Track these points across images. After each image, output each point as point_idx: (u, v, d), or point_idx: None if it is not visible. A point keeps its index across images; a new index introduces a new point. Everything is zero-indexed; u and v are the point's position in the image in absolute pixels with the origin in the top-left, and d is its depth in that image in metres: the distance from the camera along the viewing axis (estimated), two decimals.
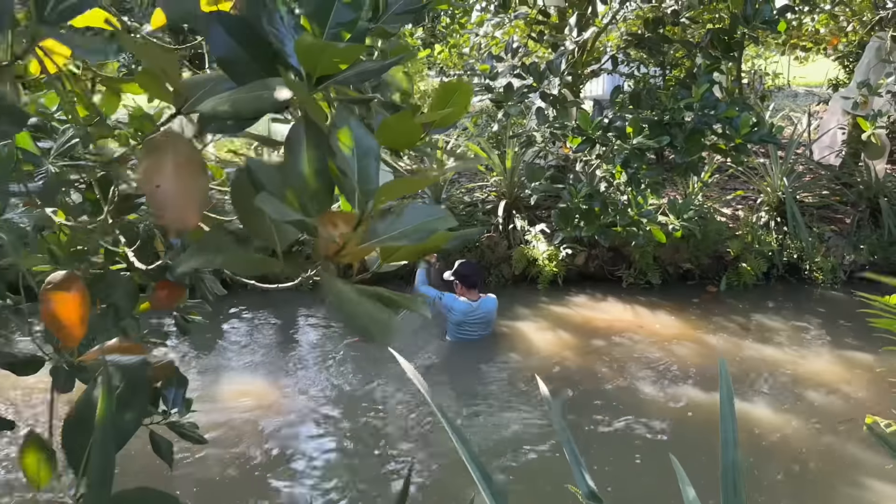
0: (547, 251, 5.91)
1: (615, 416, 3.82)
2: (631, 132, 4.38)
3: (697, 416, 3.79)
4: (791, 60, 12.40)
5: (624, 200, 4.86)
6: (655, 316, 5.31)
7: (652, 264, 5.94)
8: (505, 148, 6.44)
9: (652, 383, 4.17)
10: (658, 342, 4.78)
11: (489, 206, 6.49)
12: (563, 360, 4.55)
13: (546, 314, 5.42)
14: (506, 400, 4.04)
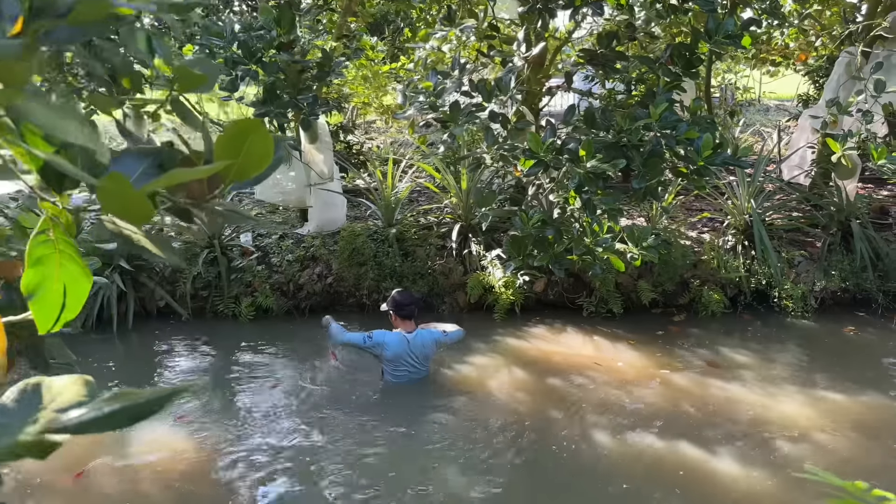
0: (504, 278, 5.55)
1: (569, 469, 3.44)
2: (584, 155, 4.04)
3: (658, 465, 3.42)
4: (762, 74, 12.26)
5: (579, 227, 4.51)
6: (616, 350, 4.95)
7: (613, 292, 5.59)
8: (460, 168, 6.08)
9: (610, 431, 3.80)
10: (619, 382, 4.42)
11: (444, 228, 6.11)
12: (514, 402, 4.17)
13: (500, 348, 5.03)
14: (448, 449, 3.64)
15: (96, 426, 0.52)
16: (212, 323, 5.82)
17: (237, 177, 0.89)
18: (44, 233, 0.76)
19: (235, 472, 3.50)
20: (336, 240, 6.01)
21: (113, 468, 3.54)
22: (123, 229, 0.83)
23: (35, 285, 0.74)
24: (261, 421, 4.05)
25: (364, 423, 3.97)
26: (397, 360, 4.26)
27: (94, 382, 0.61)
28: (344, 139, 7.79)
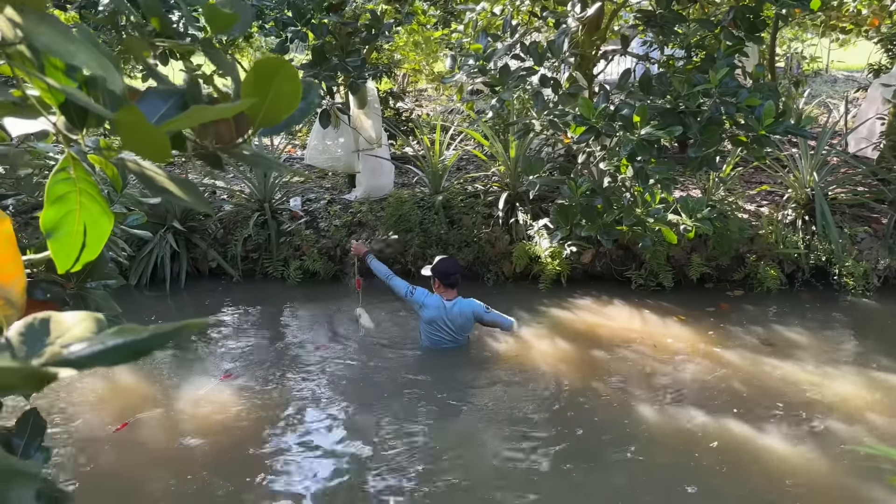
0: (550, 248, 5.46)
1: (614, 443, 3.39)
2: (638, 121, 3.90)
3: (706, 442, 3.34)
4: (830, 43, 11.66)
5: (630, 197, 4.38)
6: (665, 325, 4.83)
7: (664, 265, 5.45)
8: (509, 135, 5.97)
9: (655, 405, 3.72)
10: (666, 356, 4.31)
11: (491, 197, 6.03)
12: (558, 374, 4.11)
13: (545, 319, 4.97)
14: (489, 418, 3.63)
15: (98, 360, 0.49)
16: (261, 284, 5.92)
17: (266, 121, 0.86)
18: (64, 170, 0.74)
19: (277, 428, 3.57)
20: (383, 206, 6.01)
21: (157, 421, 3.65)
22: (146, 170, 0.80)
23: (54, 223, 0.73)
24: (304, 381, 4.10)
25: (404, 388, 3.98)
26: (433, 324, 4.27)
27: (105, 320, 0.58)
28: (393, 106, 7.74)
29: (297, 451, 3.38)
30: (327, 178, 7.07)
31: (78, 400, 3.86)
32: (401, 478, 3.11)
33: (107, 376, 4.15)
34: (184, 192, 0.83)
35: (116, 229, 1.91)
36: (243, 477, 3.12)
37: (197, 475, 3.15)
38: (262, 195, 6.21)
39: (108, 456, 3.35)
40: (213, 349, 4.66)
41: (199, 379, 4.14)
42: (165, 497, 3.02)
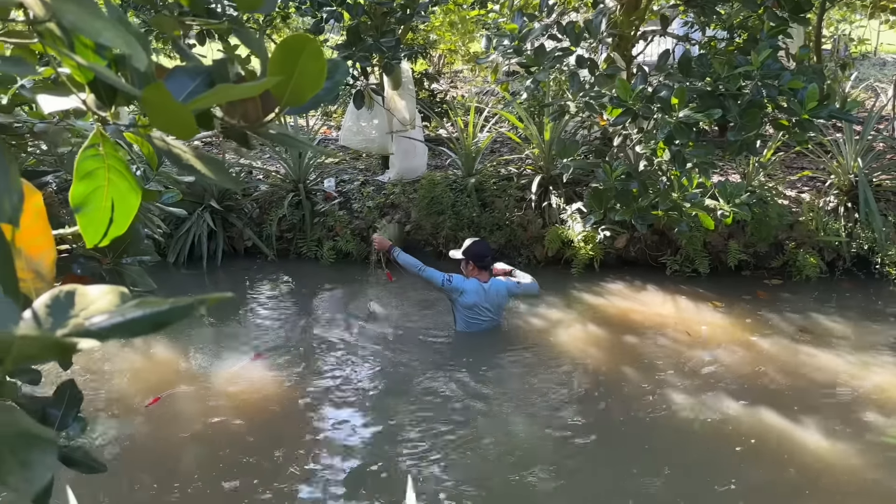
0: (583, 232, 5.41)
1: (644, 428, 3.36)
2: (676, 103, 3.83)
3: (738, 433, 3.29)
4: (880, 25, 11.25)
5: (666, 181, 4.31)
6: (700, 311, 4.76)
7: (700, 251, 5.36)
8: (544, 118, 5.90)
9: (687, 392, 3.68)
10: (700, 343, 4.26)
11: (524, 180, 5.99)
12: (588, 358, 4.09)
13: (576, 303, 4.94)
14: (518, 401, 3.63)
15: (119, 331, 0.50)
16: (295, 264, 5.99)
17: (292, 99, 0.86)
18: (93, 147, 0.76)
19: (307, 406, 3.62)
20: (416, 188, 6.01)
21: (189, 397, 3.73)
22: (173, 147, 0.81)
23: (83, 199, 0.74)
24: (337, 361, 4.15)
25: (436, 370, 4.00)
26: (472, 309, 4.26)
27: (129, 294, 0.59)
28: (428, 87, 7.72)
29: (328, 431, 3.43)
30: (361, 160, 7.10)
31: (113, 374, 3.97)
32: (429, 458, 3.14)
33: (143, 352, 4.26)
34: (210, 170, 0.83)
35: (152, 206, 1.94)
36: (273, 455, 3.18)
37: (227, 452, 3.22)
38: (296, 176, 6.27)
39: (141, 429, 3.45)
40: (245, 327, 4.74)
41: (232, 356, 4.21)
42: (197, 470, 3.09)
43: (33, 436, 0.46)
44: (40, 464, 0.45)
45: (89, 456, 1.65)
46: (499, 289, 4.32)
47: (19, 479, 0.43)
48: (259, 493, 2.89)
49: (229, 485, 2.94)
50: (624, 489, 2.91)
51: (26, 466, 0.44)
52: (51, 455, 0.46)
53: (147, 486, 2.95)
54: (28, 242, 0.68)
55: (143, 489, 2.93)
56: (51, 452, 0.46)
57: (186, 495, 2.88)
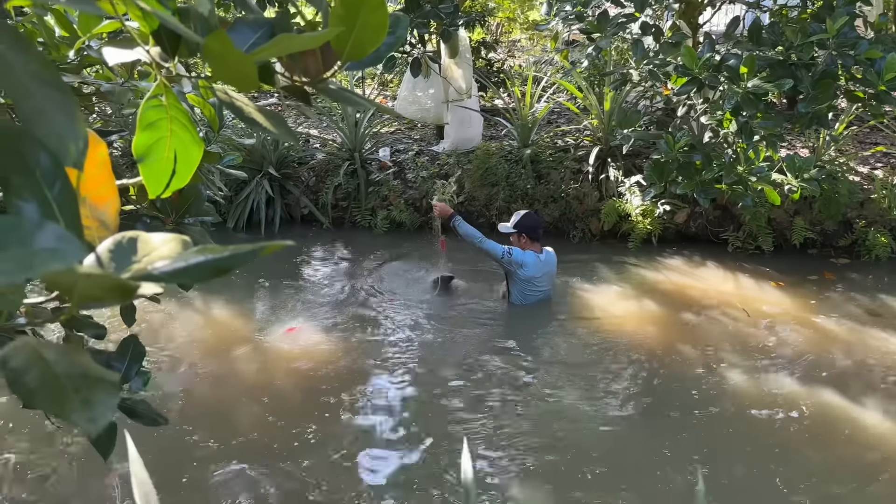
0: (642, 206, 5.29)
1: (698, 405, 3.29)
2: (745, 73, 3.67)
3: (797, 415, 3.19)
4: None
5: (731, 154, 4.15)
6: (762, 290, 4.61)
7: (764, 227, 5.17)
8: (604, 87, 5.75)
9: (744, 371, 3.58)
10: (760, 322, 4.12)
11: (582, 151, 5.87)
12: (642, 334, 4.02)
13: (633, 277, 4.85)
14: (570, 375, 3.60)
15: (181, 276, 0.50)
16: (349, 232, 6.05)
17: (352, 54, 0.84)
18: (156, 97, 0.75)
19: (358, 371, 3.67)
20: (470, 158, 5.97)
21: (244, 357, 3.82)
22: (235, 100, 0.80)
23: (146, 149, 0.74)
24: (388, 329, 4.19)
25: (488, 341, 4.00)
26: (530, 281, 4.23)
27: (190, 241, 0.59)
28: (485, 56, 7.61)
29: (378, 395, 3.47)
30: (416, 130, 7.08)
31: (171, 334, 4.10)
32: (480, 427, 3.14)
33: (204, 311, 4.38)
34: (271, 124, 0.82)
35: (213, 168, 1.96)
36: (323, 418, 3.24)
37: (279, 413, 3.29)
38: (352, 145, 6.30)
39: (198, 386, 3.55)
40: (298, 292, 4.82)
41: (284, 320, 4.29)
42: (251, 429, 3.17)
43: (97, 377, 0.47)
44: (102, 403, 0.45)
45: (151, 409, 1.71)
46: (551, 259, 4.30)
47: (82, 416, 0.43)
48: (310, 456, 2.95)
49: (281, 444, 3.01)
50: (676, 469, 2.86)
51: (89, 405, 0.44)
52: (113, 396, 0.46)
53: (205, 440, 3.05)
54: (93, 191, 0.68)
55: (201, 443, 3.03)
56: (113, 394, 0.46)
57: (243, 451, 2.96)
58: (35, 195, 0.51)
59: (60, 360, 0.47)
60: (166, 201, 1.74)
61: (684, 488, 2.70)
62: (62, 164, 0.54)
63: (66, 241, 0.37)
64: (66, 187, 0.53)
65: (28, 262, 0.35)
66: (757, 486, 2.72)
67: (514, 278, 4.24)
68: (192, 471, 2.84)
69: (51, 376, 0.46)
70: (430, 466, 2.87)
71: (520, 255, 4.17)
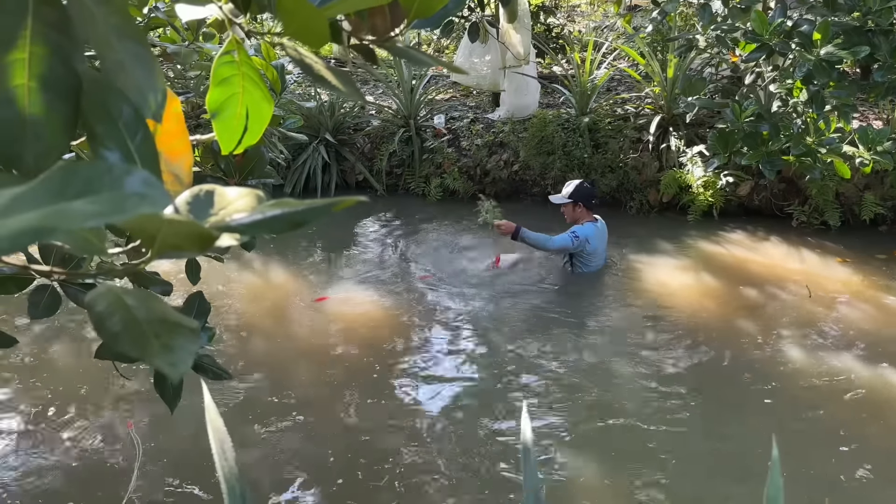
0: (704, 177, 5.13)
1: (755, 381, 3.22)
2: (819, 39, 3.50)
3: (860, 395, 3.09)
4: None
5: (801, 124, 3.99)
6: (827, 267, 4.45)
7: (832, 201, 4.96)
8: (667, 54, 5.57)
9: (804, 349, 3.48)
10: (824, 300, 3.99)
11: (642, 120, 5.72)
12: (700, 309, 3.94)
13: (692, 251, 4.74)
14: (625, 349, 3.56)
15: (258, 228, 0.50)
16: (403, 199, 6.07)
17: (421, 10, 0.83)
18: (229, 53, 0.76)
19: (412, 335, 3.71)
20: (526, 126, 5.88)
21: (301, 317, 3.90)
22: (304, 58, 0.80)
23: (219, 105, 0.75)
24: (441, 297, 4.21)
25: (542, 312, 3.99)
26: (595, 253, 4.22)
27: (265, 197, 0.59)
28: (544, 21, 7.45)
29: (431, 359, 3.50)
30: (472, 97, 7.02)
31: (231, 293, 4.21)
32: (535, 396, 3.15)
33: (262, 273, 4.48)
34: (340, 82, 0.82)
35: (275, 131, 1.99)
36: (382, 380, 3.30)
37: (335, 372, 3.36)
38: (407, 111, 6.29)
39: (257, 344, 3.65)
40: (352, 258, 4.88)
41: (339, 284, 4.36)
42: (308, 387, 3.26)
43: (176, 323, 0.48)
44: (183, 349, 0.46)
45: (216, 363, 1.76)
46: (604, 227, 4.30)
47: (163, 361, 0.45)
48: (366, 416, 3.01)
49: (336, 401, 3.08)
50: (734, 447, 2.81)
51: (170, 350, 0.45)
52: (193, 343, 0.47)
53: (263, 394, 3.15)
54: (167, 146, 0.70)
55: (262, 397, 3.12)
56: (193, 340, 0.47)
57: (300, 407, 3.05)
58: (118, 144, 0.51)
59: (141, 306, 0.49)
60: (230, 163, 1.77)
61: (739, 463, 2.65)
62: (143, 115, 0.55)
63: (155, 188, 0.38)
64: (147, 138, 0.54)
65: (120, 205, 0.36)
66: (819, 465, 2.66)
67: (581, 258, 4.25)
68: (253, 423, 2.93)
69: (132, 321, 0.47)
70: (487, 427, 2.89)
71: (583, 233, 4.14)
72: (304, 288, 4.33)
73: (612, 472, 2.65)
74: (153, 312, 0.49)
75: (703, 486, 2.59)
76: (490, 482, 2.60)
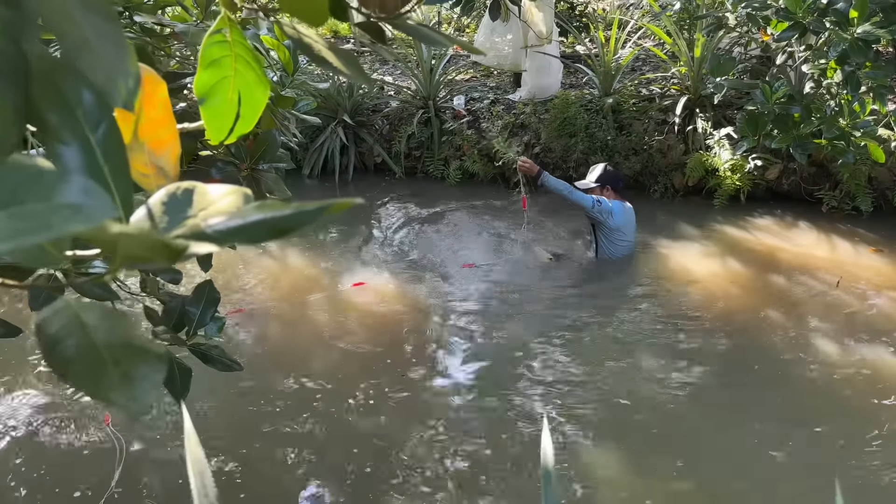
0: (731, 161, 4.99)
1: (782, 371, 3.13)
2: (856, 17, 3.35)
3: (891, 388, 2.98)
4: None
5: (834, 106, 3.84)
6: (858, 254, 4.31)
7: (864, 186, 4.80)
8: (695, 33, 5.40)
9: (832, 339, 3.36)
10: (854, 288, 3.86)
11: (668, 101, 5.57)
12: (726, 296, 3.83)
13: (718, 236, 4.62)
14: (648, 336, 3.48)
15: (238, 236, 0.43)
16: (422, 182, 6.00)
17: None
18: (220, 32, 0.69)
19: (431, 321, 3.65)
20: (548, 108, 5.76)
21: (317, 305, 3.86)
22: (304, 36, 0.73)
23: (208, 89, 0.68)
24: (458, 284, 4.14)
25: (565, 298, 3.91)
26: (618, 231, 4.12)
27: (251, 196, 0.52)
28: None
29: (450, 351, 3.45)
30: (492, 77, 6.89)
31: (247, 278, 4.17)
32: (555, 393, 3.09)
33: (279, 258, 4.44)
34: (342, 63, 0.75)
35: (288, 114, 1.92)
36: (398, 372, 3.25)
37: (350, 363, 3.32)
38: (426, 92, 6.19)
39: (272, 330, 3.62)
40: (370, 243, 4.83)
41: (358, 269, 4.31)
42: (323, 377, 3.21)
43: (141, 348, 0.41)
44: (146, 379, 0.39)
45: (225, 354, 1.70)
46: (633, 211, 4.16)
47: (121, 395, 0.38)
48: (383, 411, 2.97)
49: (352, 393, 3.04)
50: (756, 439, 2.73)
51: (129, 381, 0.39)
52: (158, 371, 0.40)
53: (278, 384, 3.11)
54: (151, 136, 0.63)
55: (276, 387, 3.09)
56: (158, 368, 0.40)
57: (316, 399, 3.01)
58: (77, 137, 0.45)
59: (101, 325, 0.42)
60: (241, 147, 1.71)
61: (763, 458, 2.57)
62: (109, 103, 0.48)
63: (94, 196, 0.31)
64: (112, 130, 0.47)
65: (46, 221, 0.29)
66: (842, 458, 2.57)
67: (603, 229, 4.13)
68: (266, 415, 2.90)
69: (89, 345, 0.40)
70: (507, 426, 2.83)
71: (607, 204, 4.05)
72: (321, 274, 4.28)
73: (636, 474, 2.57)
74: (115, 335, 0.42)
75: (731, 483, 2.51)
76: (507, 489, 2.54)
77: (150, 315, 1.65)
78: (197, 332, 1.62)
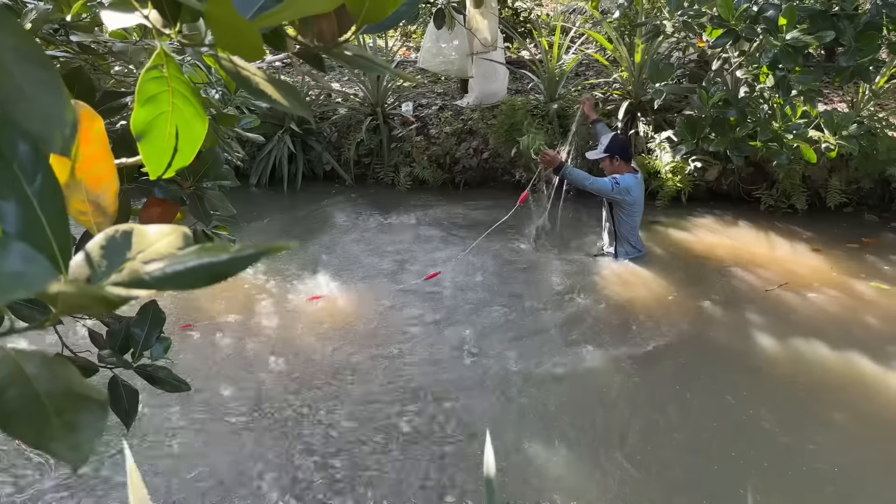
0: (672, 163, 5.14)
1: (722, 371, 3.24)
2: (785, 24, 3.50)
3: (828, 382, 3.13)
4: None
5: (767, 110, 4.00)
6: (795, 250, 4.49)
7: (799, 185, 5.01)
8: (635, 39, 5.54)
9: (772, 333, 3.50)
10: (791, 283, 4.02)
11: (610, 106, 5.70)
12: (669, 293, 3.94)
13: (660, 236, 4.75)
14: (592, 334, 3.56)
15: (175, 281, 0.44)
16: (372, 189, 5.99)
17: (370, 16, 0.77)
18: (157, 68, 0.69)
19: (387, 329, 3.66)
20: (495, 113, 5.83)
21: (269, 319, 3.83)
22: (241, 70, 0.74)
23: (145, 125, 0.69)
24: (415, 291, 4.16)
25: (513, 299, 3.96)
26: (636, 204, 4.19)
27: (191, 235, 0.54)
28: (511, 5, 7.38)
29: (401, 365, 3.46)
30: (440, 83, 6.93)
31: (191, 294, 4.10)
32: (507, 396, 3.13)
33: None
34: (282, 96, 0.76)
35: (230, 132, 1.91)
36: (351, 385, 3.24)
37: (299, 378, 3.30)
38: (374, 99, 6.19)
39: (223, 346, 3.57)
40: (323, 254, 4.80)
41: (310, 281, 4.28)
42: (275, 391, 3.19)
43: (82, 396, 0.42)
44: (88, 427, 0.41)
45: (173, 375, 1.69)
46: (643, 179, 4.31)
47: (62, 445, 0.39)
48: (337, 423, 2.96)
49: (305, 406, 3.03)
50: (701, 435, 2.82)
51: (72, 430, 0.40)
52: (100, 419, 0.41)
53: (229, 401, 3.08)
54: (88, 172, 0.63)
55: (228, 404, 3.05)
56: (101, 416, 0.41)
57: (270, 414, 2.98)
58: (14, 192, 0.45)
59: (42, 374, 0.43)
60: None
61: (698, 461, 2.67)
62: (46, 152, 0.49)
63: (34, 263, 0.32)
64: (48, 180, 0.48)
65: None
66: (783, 456, 2.68)
67: (623, 208, 4.19)
68: (219, 435, 2.87)
69: (32, 396, 0.41)
70: (460, 447, 2.87)
71: (624, 182, 4.12)
72: (272, 286, 4.24)
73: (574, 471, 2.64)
74: (56, 384, 0.43)
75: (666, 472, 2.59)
76: (469, 491, 2.58)
77: (94, 338, 1.62)
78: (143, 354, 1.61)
